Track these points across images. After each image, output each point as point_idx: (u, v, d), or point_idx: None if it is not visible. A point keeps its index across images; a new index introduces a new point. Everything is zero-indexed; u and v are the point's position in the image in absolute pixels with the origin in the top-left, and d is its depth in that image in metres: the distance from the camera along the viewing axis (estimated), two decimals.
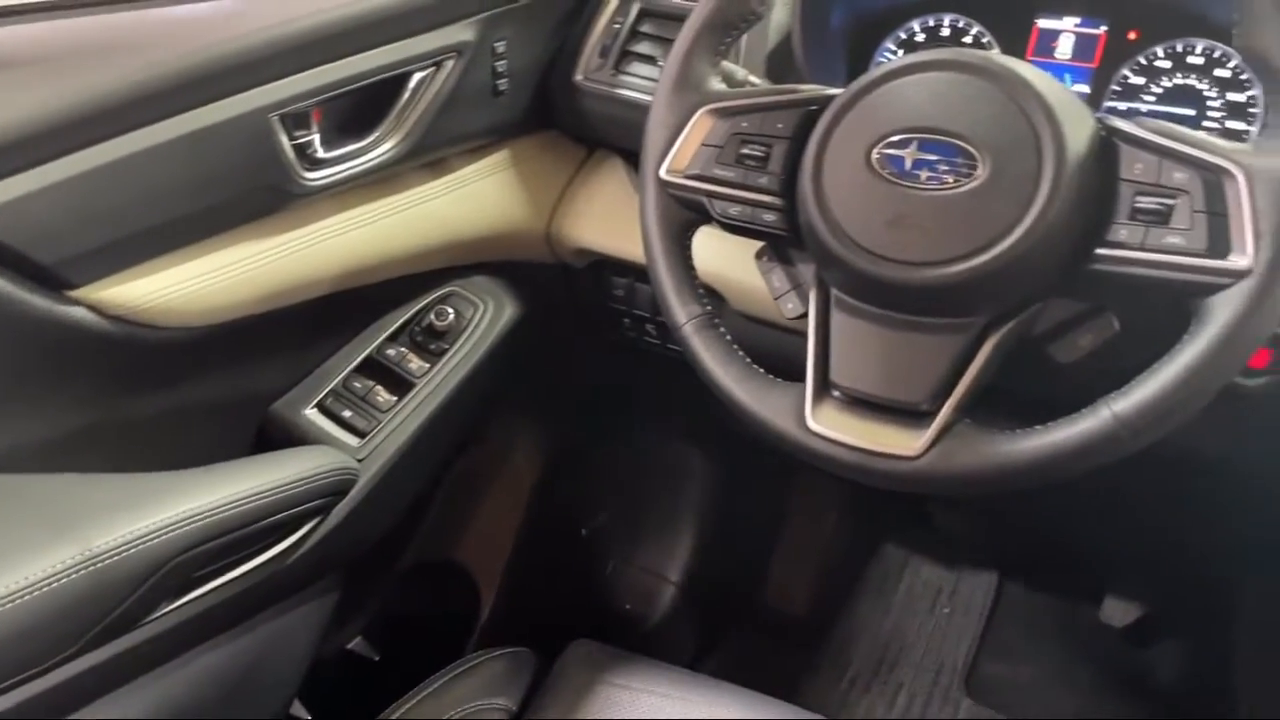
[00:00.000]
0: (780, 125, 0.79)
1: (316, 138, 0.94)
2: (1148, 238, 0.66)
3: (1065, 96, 0.71)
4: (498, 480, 1.37)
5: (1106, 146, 0.69)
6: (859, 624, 1.61)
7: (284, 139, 0.91)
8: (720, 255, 0.98)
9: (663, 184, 0.82)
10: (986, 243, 0.68)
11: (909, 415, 0.72)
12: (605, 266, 1.18)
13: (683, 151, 0.81)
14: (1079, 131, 0.69)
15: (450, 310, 1.10)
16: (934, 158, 0.71)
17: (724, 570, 1.61)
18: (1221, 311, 0.63)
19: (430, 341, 1.09)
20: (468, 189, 1.11)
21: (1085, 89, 0.99)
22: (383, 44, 0.96)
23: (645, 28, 1.12)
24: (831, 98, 0.77)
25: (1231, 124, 0.94)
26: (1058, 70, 1.01)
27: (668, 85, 0.83)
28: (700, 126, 0.81)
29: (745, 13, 0.82)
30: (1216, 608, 1.24)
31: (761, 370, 0.79)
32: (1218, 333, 0.63)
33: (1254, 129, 0.92)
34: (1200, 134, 0.68)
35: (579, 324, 1.27)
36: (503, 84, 1.09)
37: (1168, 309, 0.67)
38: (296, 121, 0.91)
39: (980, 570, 1.63)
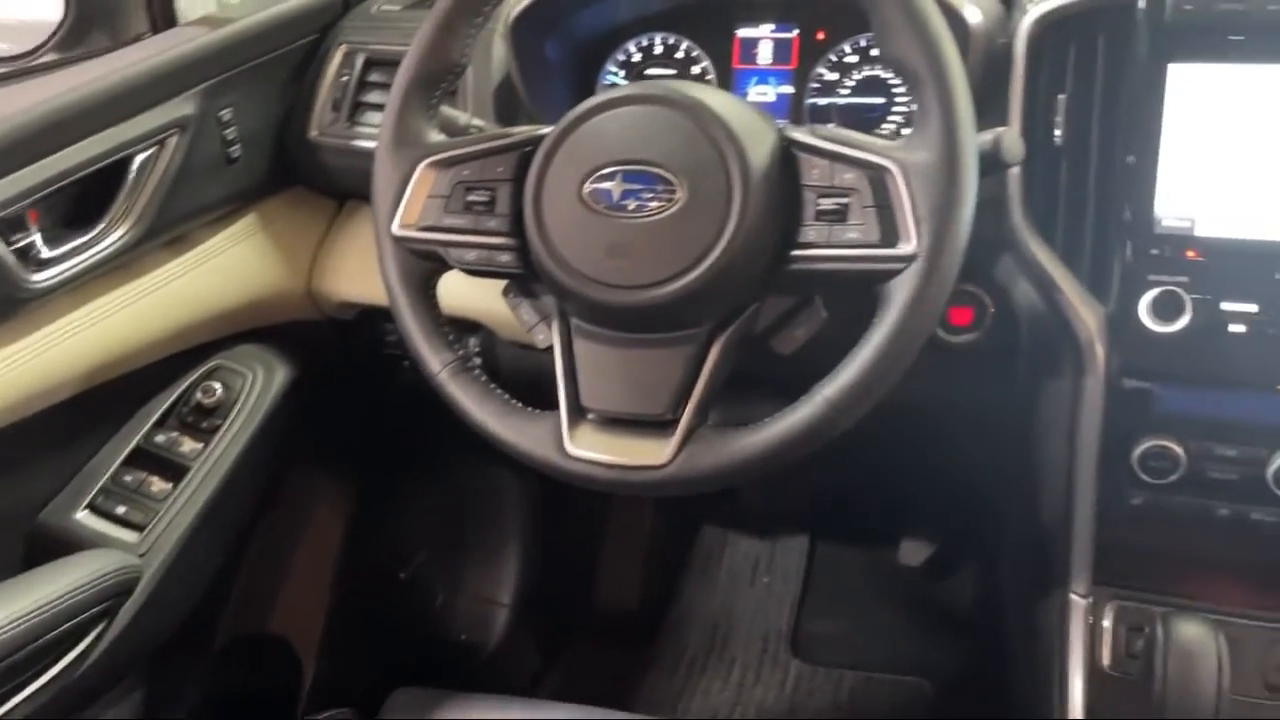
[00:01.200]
0: (500, 169, 0.82)
1: (37, 238, 0.91)
2: (831, 235, 0.73)
3: (746, 116, 0.77)
4: (303, 542, 1.36)
5: (787, 157, 0.76)
6: (689, 609, 1.68)
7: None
8: (479, 289, 1.00)
9: (397, 240, 0.84)
10: (694, 260, 0.73)
11: (656, 426, 0.77)
12: (373, 315, 1.19)
13: (411, 206, 0.84)
14: (761, 147, 0.75)
15: (218, 385, 1.08)
16: (638, 187, 0.75)
17: (554, 583, 1.64)
18: (899, 294, 0.71)
19: (201, 420, 1.07)
20: (218, 260, 1.09)
21: (790, 89, 1.07)
22: (95, 132, 0.94)
23: (373, 77, 1.13)
24: (543, 137, 0.81)
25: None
26: (763, 74, 1.09)
27: (386, 144, 0.85)
28: (424, 180, 0.83)
29: (450, 66, 0.85)
30: (989, 533, 1.37)
31: (518, 403, 0.82)
32: (898, 314, 0.71)
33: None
34: (863, 136, 0.75)
35: (360, 373, 1.27)
36: (235, 151, 1.08)
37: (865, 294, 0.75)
38: (10, 226, 0.88)
39: (792, 537, 1.73)
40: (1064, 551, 0.92)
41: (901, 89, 1.04)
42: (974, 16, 0.89)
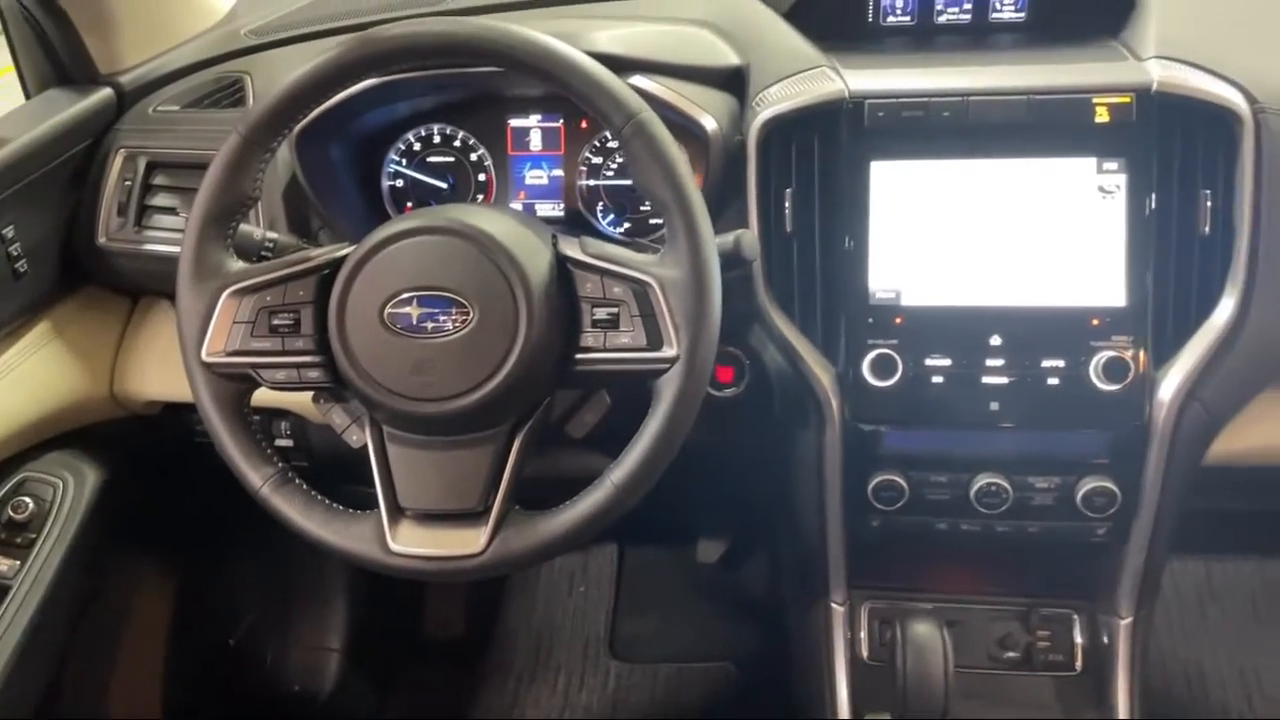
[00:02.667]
0: (302, 293, 0.89)
1: None
2: (607, 340, 0.86)
3: (525, 239, 0.87)
4: (131, 629, 1.37)
5: (564, 272, 0.87)
6: (513, 626, 1.80)
7: None
8: None
9: (206, 365, 0.89)
10: (491, 372, 0.83)
11: (470, 517, 0.87)
12: (180, 408, 1.22)
13: (217, 333, 0.89)
14: (540, 266, 0.86)
15: (28, 499, 1.10)
16: (435, 310, 0.85)
17: (382, 620, 1.71)
18: (667, 390, 0.84)
19: (15, 536, 1.08)
20: (14, 375, 1.10)
21: (561, 172, 1.18)
22: None
23: (158, 180, 1.16)
24: (342, 259, 0.88)
25: None
26: (535, 159, 1.19)
27: (186, 278, 0.89)
28: (228, 308, 0.89)
29: (242, 200, 0.90)
30: (770, 524, 1.55)
31: (340, 507, 0.90)
32: (667, 407, 0.84)
33: None
34: (627, 252, 0.87)
35: (173, 462, 1.30)
36: (22, 265, 1.09)
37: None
38: None
39: (604, 545, 1.87)
40: (823, 567, 1.10)
41: None
42: (710, 124, 1.02)
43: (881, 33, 1.20)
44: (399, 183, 1.19)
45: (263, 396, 0.93)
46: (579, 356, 0.86)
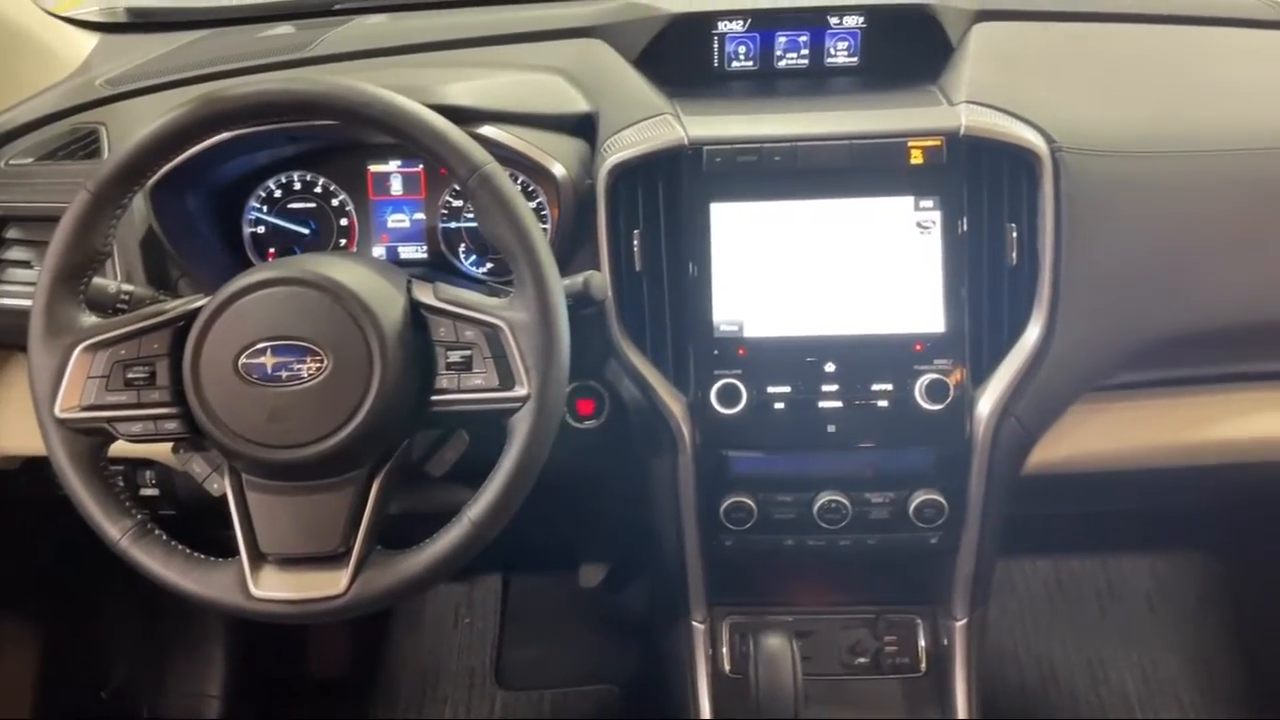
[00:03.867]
0: (156, 346, 0.91)
1: None
2: (461, 382, 0.89)
3: (378, 286, 0.91)
4: None
5: (418, 318, 0.91)
6: (399, 660, 1.81)
7: None
8: None
9: (60, 421, 0.90)
10: (346, 417, 0.86)
11: (331, 559, 0.89)
12: (38, 462, 1.20)
13: (70, 389, 0.89)
14: (393, 313, 0.89)
15: None
16: (289, 359, 0.87)
17: (264, 662, 1.70)
18: (520, 427, 0.88)
19: None
20: None
21: (423, 216, 1.22)
22: None
23: (11, 234, 1.15)
24: (196, 312, 0.90)
25: None
26: (397, 204, 1.22)
27: (38, 335, 0.90)
28: (80, 364, 0.90)
29: (92, 256, 0.91)
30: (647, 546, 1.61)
31: (201, 555, 0.92)
32: (520, 444, 0.88)
33: None
34: (479, 297, 0.92)
35: (34, 515, 1.28)
36: None
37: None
38: None
39: (488, 576, 1.89)
40: (684, 587, 1.15)
41: None
42: (560, 170, 1.07)
43: (727, 77, 1.27)
44: (261, 230, 1.21)
45: (126, 445, 0.93)
46: (435, 398, 0.90)
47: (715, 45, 1.25)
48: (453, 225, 1.21)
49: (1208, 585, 1.76)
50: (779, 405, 1.06)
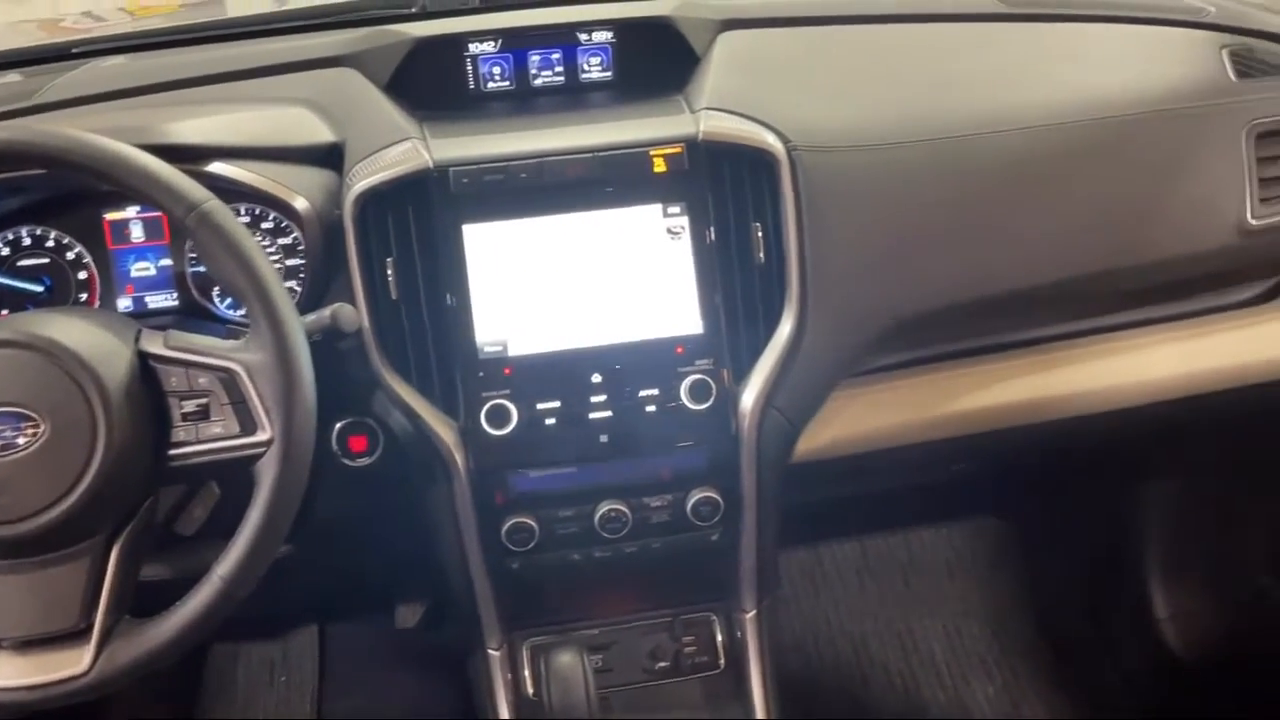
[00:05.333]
0: None
1: None
2: (199, 433, 0.86)
3: (100, 341, 0.86)
4: None
5: (147, 369, 0.86)
6: None
7: None
8: None
9: None
10: (70, 484, 0.81)
11: (72, 637, 0.84)
12: None
13: None
14: (118, 368, 0.84)
15: None
16: (2, 428, 0.81)
17: None
18: (267, 473, 0.85)
19: None
20: None
21: (169, 261, 1.15)
22: None
23: None
24: None
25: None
26: (140, 251, 1.15)
27: None
28: None
29: None
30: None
31: None
32: (268, 492, 0.85)
33: None
34: (213, 341, 0.88)
35: None
36: None
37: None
38: None
39: (301, 630, 1.82)
40: (477, 617, 1.13)
41: None
42: (301, 203, 1.04)
43: (485, 98, 1.26)
44: None
45: None
46: (172, 452, 0.86)
47: (469, 67, 1.25)
48: (202, 269, 1.16)
49: (998, 549, 1.87)
50: (550, 421, 1.06)
